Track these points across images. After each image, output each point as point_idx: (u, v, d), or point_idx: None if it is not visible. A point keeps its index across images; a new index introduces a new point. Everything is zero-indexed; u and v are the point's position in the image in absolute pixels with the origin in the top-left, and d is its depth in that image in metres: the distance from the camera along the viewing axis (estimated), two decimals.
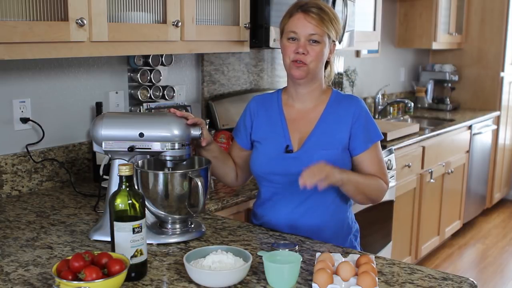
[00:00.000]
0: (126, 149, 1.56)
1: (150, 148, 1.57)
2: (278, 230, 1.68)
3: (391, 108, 4.30)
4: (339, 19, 1.69)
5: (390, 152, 3.07)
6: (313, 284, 1.23)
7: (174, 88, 2.57)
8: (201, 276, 1.26)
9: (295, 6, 1.67)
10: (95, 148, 1.62)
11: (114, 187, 1.51)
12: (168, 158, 1.58)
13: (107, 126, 1.57)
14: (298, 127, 1.70)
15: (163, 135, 1.56)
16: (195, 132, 1.61)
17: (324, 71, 1.74)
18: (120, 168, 1.30)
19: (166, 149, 1.56)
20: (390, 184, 3.07)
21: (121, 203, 1.29)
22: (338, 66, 3.74)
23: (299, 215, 1.69)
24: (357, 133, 1.66)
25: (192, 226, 1.62)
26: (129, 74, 2.44)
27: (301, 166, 1.58)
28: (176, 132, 1.56)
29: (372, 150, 1.69)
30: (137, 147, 1.56)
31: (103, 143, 1.57)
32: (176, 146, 1.57)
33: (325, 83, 1.75)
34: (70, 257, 1.20)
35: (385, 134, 3.19)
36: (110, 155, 1.61)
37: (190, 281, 1.29)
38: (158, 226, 1.60)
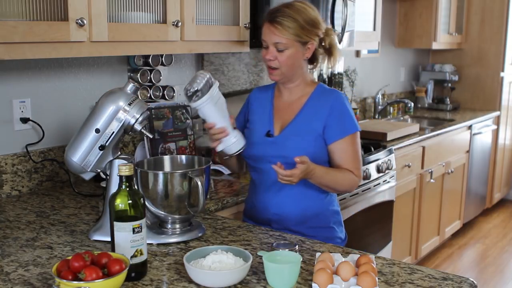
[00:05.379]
0: (99, 151, 1.55)
1: (114, 132, 1.55)
2: (263, 217, 1.82)
3: (391, 108, 4.30)
4: (314, 21, 1.73)
5: (390, 152, 3.08)
6: (313, 284, 1.23)
7: (174, 88, 2.57)
8: (201, 276, 1.26)
9: (266, 14, 1.76)
10: (88, 176, 1.61)
11: (114, 187, 1.51)
12: (136, 125, 1.57)
13: (73, 152, 1.55)
14: (282, 116, 1.83)
15: (111, 111, 1.54)
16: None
17: (314, 67, 1.86)
18: (120, 168, 1.30)
19: (125, 117, 1.55)
20: (390, 184, 3.08)
21: (121, 203, 1.29)
22: (338, 66, 3.74)
23: (281, 201, 1.80)
24: (331, 123, 1.76)
25: (192, 226, 1.62)
26: (129, 74, 2.44)
27: (278, 150, 1.76)
28: (120, 102, 1.55)
29: (346, 142, 1.77)
30: (105, 142, 1.55)
31: (83, 166, 1.56)
32: (130, 107, 1.55)
33: (313, 77, 1.91)
34: (70, 257, 1.20)
35: (385, 134, 3.20)
36: (100, 169, 1.61)
37: (190, 281, 1.29)
38: (158, 226, 1.60)
